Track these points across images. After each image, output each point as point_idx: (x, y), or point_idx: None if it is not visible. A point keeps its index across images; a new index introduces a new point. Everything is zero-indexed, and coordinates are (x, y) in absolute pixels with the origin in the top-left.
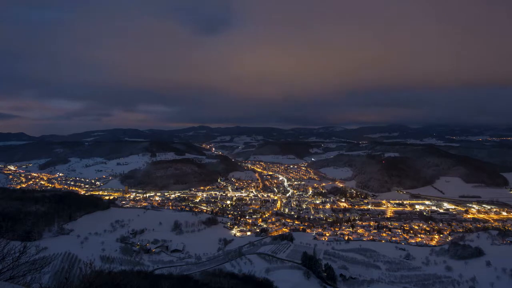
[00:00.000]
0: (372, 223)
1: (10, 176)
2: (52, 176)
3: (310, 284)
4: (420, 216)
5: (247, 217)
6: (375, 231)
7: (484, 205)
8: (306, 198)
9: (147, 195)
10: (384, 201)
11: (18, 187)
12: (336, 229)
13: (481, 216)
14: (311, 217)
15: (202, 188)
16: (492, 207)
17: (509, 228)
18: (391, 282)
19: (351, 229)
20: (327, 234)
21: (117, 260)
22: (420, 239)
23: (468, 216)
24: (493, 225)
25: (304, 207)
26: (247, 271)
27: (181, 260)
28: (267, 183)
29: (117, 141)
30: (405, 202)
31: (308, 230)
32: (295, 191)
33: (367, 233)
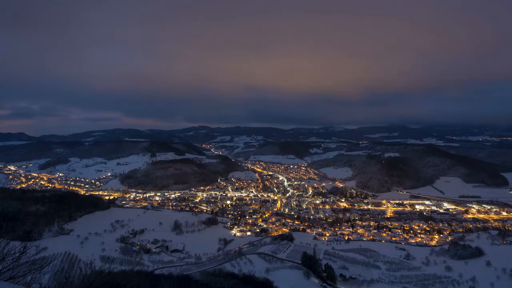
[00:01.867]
0: (372, 223)
1: (10, 176)
2: (52, 176)
3: (310, 284)
4: (420, 216)
5: (247, 217)
6: (375, 231)
7: (484, 205)
8: (306, 198)
9: (147, 195)
10: (384, 201)
11: (18, 187)
12: (336, 229)
13: (481, 216)
14: (311, 217)
15: (202, 188)
16: (492, 207)
17: (509, 228)
18: (391, 282)
19: (351, 229)
20: (327, 234)
21: (117, 260)
22: (420, 239)
23: (468, 216)
24: (493, 225)
25: (304, 207)
26: (247, 271)
27: (181, 260)
28: (267, 183)
29: (117, 141)
30: (405, 202)
31: (308, 230)
32: (295, 191)
33: (367, 233)
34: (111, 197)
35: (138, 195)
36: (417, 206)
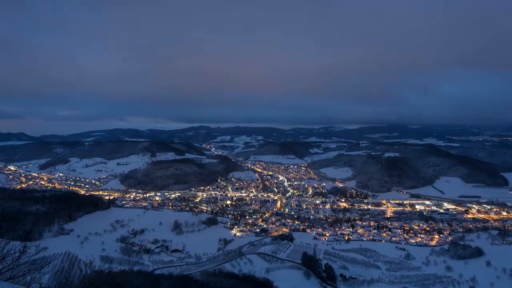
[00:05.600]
0: (372, 223)
1: (10, 176)
2: (52, 176)
3: (310, 284)
4: (420, 216)
5: (247, 217)
6: (375, 231)
7: (484, 205)
8: (306, 198)
9: (147, 195)
10: (384, 201)
11: (18, 187)
12: (336, 229)
13: (481, 216)
14: (311, 217)
15: (202, 188)
16: (492, 207)
17: (509, 228)
18: (391, 282)
19: (351, 229)
20: (327, 234)
21: (117, 260)
22: (420, 239)
23: (468, 216)
24: (493, 225)
25: (304, 207)
26: (247, 271)
27: (181, 260)
28: (267, 183)
29: (117, 141)
30: (405, 202)
31: (308, 230)
32: (295, 191)
33: (367, 233)
34: (111, 197)
35: (138, 195)
36: (417, 206)
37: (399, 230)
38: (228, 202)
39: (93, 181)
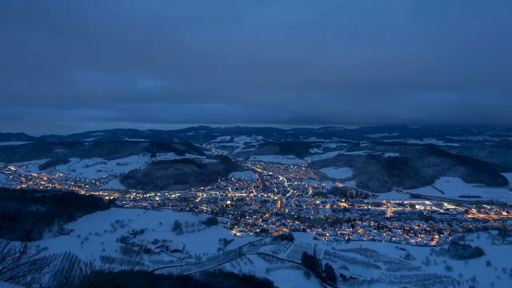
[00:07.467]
0: (372, 223)
1: (10, 176)
2: (52, 176)
3: (310, 284)
4: (420, 216)
5: (247, 217)
6: (375, 231)
7: (484, 205)
8: (306, 198)
9: (147, 195)
10: (384, 201)
11: (18, 187)
12: (336, 229)
13: (481, 216)
14: (311, 217)
15: (202, 188)
16: (492, 207)
17: (509, 228)
18: (391, 282)
19: (351, 229)
20: (327, 234)
21: (117, 260)
22: (420, 239)
23: (468, 216)
24: (493, 225)
25: (304, 207)
26: (247, 271)
27: (181, 260)
28: (267, 183)
29: (117, 141)
30: (405, 202)
31: (308, 230)
32: (295, 191)
33: (367, 233)
34: (111, 197)
35: (138, 195)
36: (417, 206)
37: (399, 230)
38: (228, 202)
39: (93, 181)
